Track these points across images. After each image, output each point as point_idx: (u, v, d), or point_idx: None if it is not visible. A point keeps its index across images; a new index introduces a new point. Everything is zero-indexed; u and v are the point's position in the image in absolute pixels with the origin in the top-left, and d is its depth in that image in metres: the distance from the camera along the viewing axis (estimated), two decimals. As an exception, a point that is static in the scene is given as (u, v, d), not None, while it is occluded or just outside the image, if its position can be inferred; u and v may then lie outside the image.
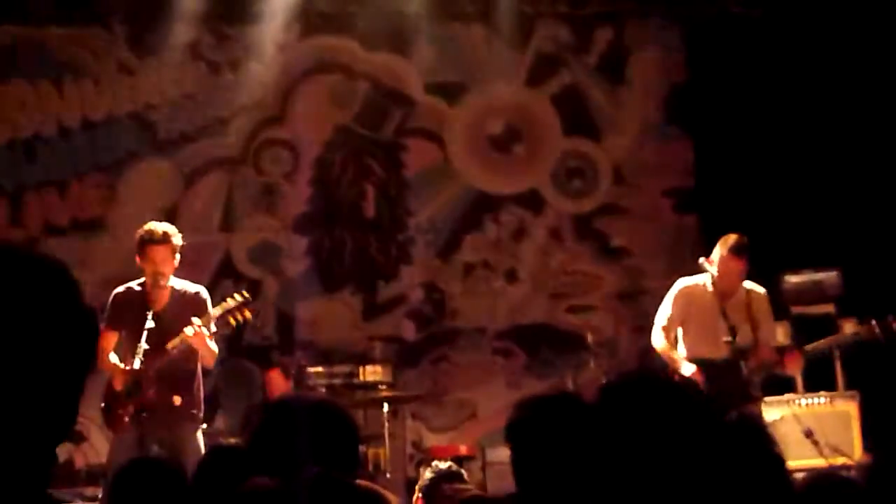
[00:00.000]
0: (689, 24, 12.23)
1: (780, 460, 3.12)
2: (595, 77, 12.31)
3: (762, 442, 3.07)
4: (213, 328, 7.61)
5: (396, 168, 12.05)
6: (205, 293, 7.75)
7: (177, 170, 11.68)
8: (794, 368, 8.79)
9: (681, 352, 8.36)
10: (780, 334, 9.71)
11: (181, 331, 7.44)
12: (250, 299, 7.84)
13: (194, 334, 7.40)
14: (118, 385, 7.42)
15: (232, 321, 7.74)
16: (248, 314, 7.80)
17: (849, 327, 9.65)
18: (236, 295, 7.78)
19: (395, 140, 12.08)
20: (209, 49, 11.71)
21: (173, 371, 7.51)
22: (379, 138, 12.05)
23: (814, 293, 10.59)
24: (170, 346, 7.44)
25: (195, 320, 7.43)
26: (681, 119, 12.18)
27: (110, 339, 7.57)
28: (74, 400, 1.81)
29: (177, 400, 7.54)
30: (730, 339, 8.05)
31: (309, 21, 11.82)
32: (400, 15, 11.75)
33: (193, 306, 7.62)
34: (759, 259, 8.56)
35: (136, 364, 7.16)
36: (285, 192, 11.87)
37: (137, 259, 7.57)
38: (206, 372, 7.90)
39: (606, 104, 12.30)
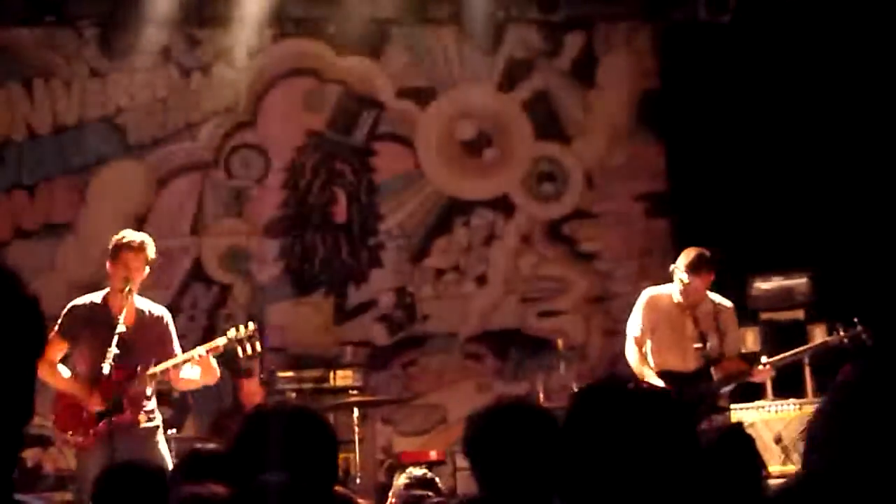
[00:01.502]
0: (659, 29, 12.26)
1: (760, 473, 3.13)
2: (566, 82, 12.31)
3: (747, 454, 3.08)
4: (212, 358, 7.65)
5: (367, 173, 12.03)
6: (168, 315, 7.77)
7: (147, 174, 11.63)
8: (763, 379, 8.81)
9: (650, 364, 8.33)
10: (750, 340, 9.75)
11: (146, 352, 7.48)
12: (257, 332, 7.85)
13: (199, 360, 7.50)
14: (96, 404, 7.37)
15: (241, 353, 7.73)
16: (258, 346, 7.81)
17: (818, 333, 9.69)
18: (241, 327, 7.79)
19: (367, 145, 12.06)
20: (180, 53, 11.66)
21: (140, 392, 7.55)
22: (350, 143, 12.03)
23: (784, 299, 10.64)
24: (156, 370, 7.49)
25: (200, 349, 7.52)
26: (652, 123, 12.20)
27: (57, 347, 7.47)
28: (28, 390, 1.79)
29: (143, 419, 7.56)
30: (700, 345, 8.07)
31: (280, 25, 11.79)
32: (372, 19, 11.75)
33: (158, 329, 7.65)
34: (730, 263, 8.57)
35: (106, 369, 7.10)
36: (256, 196, 11.83)
37: (108, 264, 7.54)
38: None
39: (578, 109, 12.30)
